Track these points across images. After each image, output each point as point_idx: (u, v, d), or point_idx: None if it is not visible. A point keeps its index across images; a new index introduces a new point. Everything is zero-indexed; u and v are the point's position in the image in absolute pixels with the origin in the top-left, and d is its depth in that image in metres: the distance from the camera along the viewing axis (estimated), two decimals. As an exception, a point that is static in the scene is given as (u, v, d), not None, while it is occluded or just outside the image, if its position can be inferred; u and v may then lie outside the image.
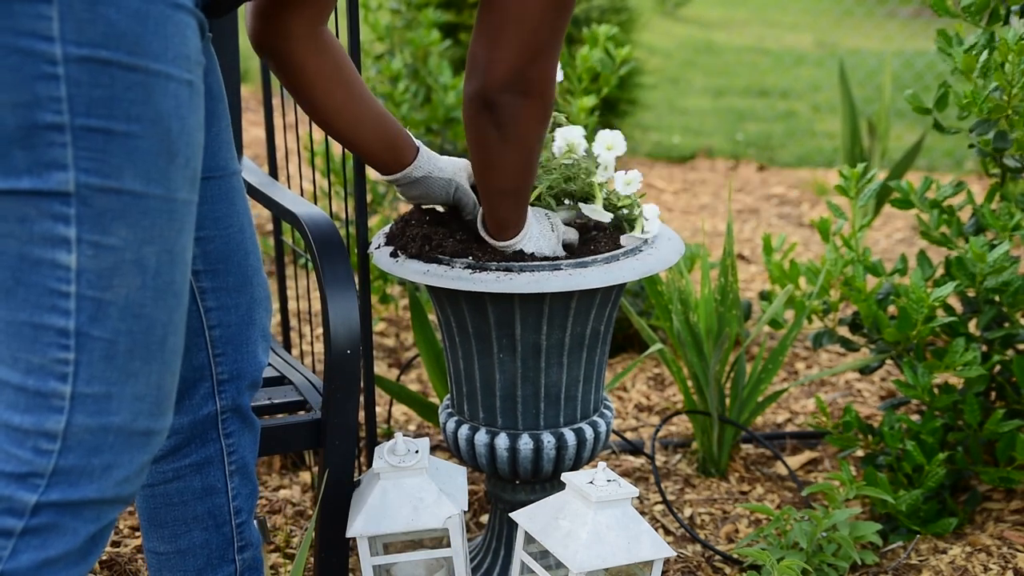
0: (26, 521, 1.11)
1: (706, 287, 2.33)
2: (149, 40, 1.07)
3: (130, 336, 1.11)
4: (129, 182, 1.07)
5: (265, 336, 1.53)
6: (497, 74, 1.43)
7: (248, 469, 1.55)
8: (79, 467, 1.12)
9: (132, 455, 1.14)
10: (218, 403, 1.49)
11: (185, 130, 1.11)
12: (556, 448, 1.74)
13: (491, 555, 1.86)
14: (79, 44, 1.03)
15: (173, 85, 1.09)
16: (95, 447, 1.12)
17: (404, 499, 1.63)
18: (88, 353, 1.09)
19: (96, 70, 1.04)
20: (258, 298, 1.50)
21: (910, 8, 9.53)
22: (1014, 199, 2.16)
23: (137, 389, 1.13)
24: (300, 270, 3.38)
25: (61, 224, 1.06)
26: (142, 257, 1.10)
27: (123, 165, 1.07)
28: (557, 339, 1.68)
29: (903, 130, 5.73)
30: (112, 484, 1.14)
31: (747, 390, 2.37)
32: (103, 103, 1.05)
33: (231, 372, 1.50)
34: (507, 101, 1.45)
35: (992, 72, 2.04)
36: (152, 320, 1.12)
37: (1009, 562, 1.98)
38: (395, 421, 2.61)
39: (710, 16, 10.71)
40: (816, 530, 1.89)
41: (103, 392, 1.11)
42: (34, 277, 1.07)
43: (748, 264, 3.80)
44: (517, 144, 1.49)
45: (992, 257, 2.03)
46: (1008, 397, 2.16)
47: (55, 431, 1.10)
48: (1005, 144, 2.09)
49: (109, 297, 1.09)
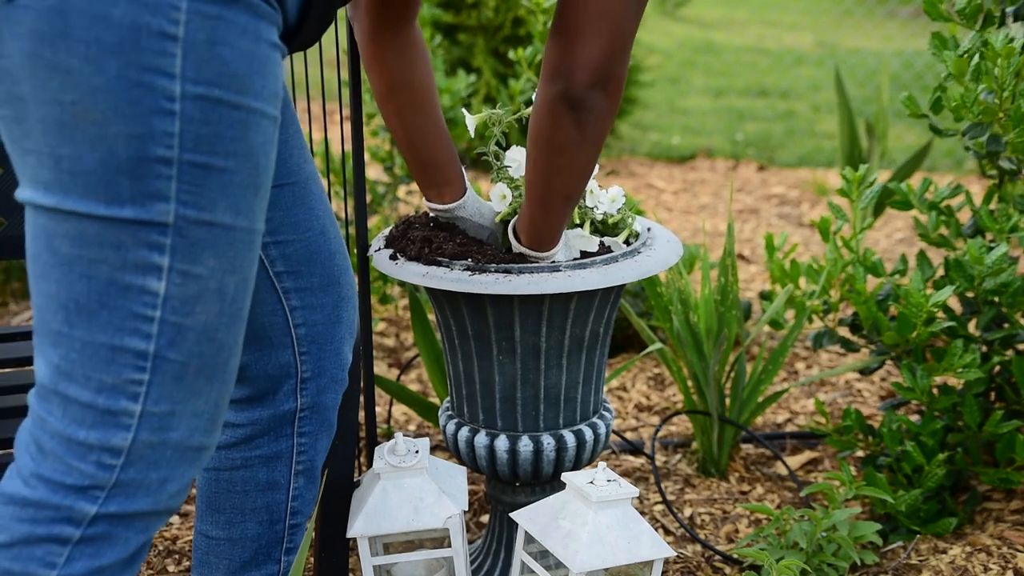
0: (83, 531, 1.15)
1: (706, 287, 2.33)
2: (253, 79, 1.11)
3: (201, 358, 1.15)
4: (221, 215, 1.12)
5: (352, 333, 1.56)
6: (586, 74, 1.40)
7: (315, 472, 1.56)
8: (138, 480, 1.15)
9: (185, 469, 1.18)
10: (299, 400, 1.51)
11: (269, 164, 1.16)
12: (556, 450, 1.74)
13: (491, 556, 1.87)
14: (196, 82, 1.07)
15: (265, 122, 1.14)
16: (154, 462, 1.16)
17: (404, 499, 1.63)
18: (162, 375, 1.13)
19: (208, 107, 1.08)
20: (345, 296, 1.53)
21: (910, 8, 9.54)
22: (1012, 200, 2.17)
23: (198, 407, 1.17)
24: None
25: (156, 253, 1.10)
26: (224, 285, 1.15)
27: (218, 198, 1.11)
28: (556, 341, 1.68)
29: (902, 130, 5.73)
30: (166, 497, 1.18)
31: (747, 390, 2.37)
32: (208, 139, 1.09)
33: (315, 369, 1.52)
34: (594, 100, 1.42)
35: (983, 76, 2.04)
36: (222, 344, 1.17)
37: (1009, 562, 1.98)
38: (395, 421, 2.61)
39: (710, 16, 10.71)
40: (816, 530, 1.89)
41: (168, 410, 1.15)
42: (120, 301, 1.11)
43: (748, 264, 3.80)
44: (594, 143, 1.48)
45: (990, 259, 2.03)
46: (1008, 398, 2.16)
47: (121, 447, 1.14)
48: (998, 147, 2.09)
49: (190, 323, 1.13)
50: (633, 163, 5.27)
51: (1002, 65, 1.99)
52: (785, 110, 6.48)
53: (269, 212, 1.40)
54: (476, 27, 4.75)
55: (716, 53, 8.48)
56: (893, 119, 5.78)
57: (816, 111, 6.47)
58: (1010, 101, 2.02)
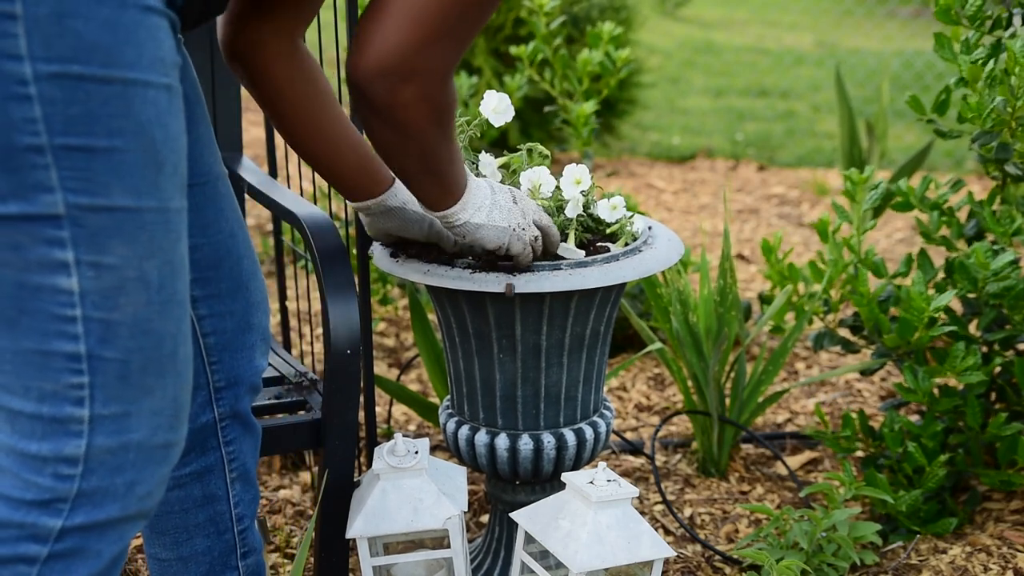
0: (51, 547, 1.09)
1: (705, 287, 2.33)
2: (122, 49, 1.02)
3: (142, 353, 1.09)
4: (120, 198, 1.04)
5: (264, 339, 1.51)
6: (368, 56, 1.22)
7: (249, 475, 1.53)
8: (103, 488, 1.10)
9: (153, 469, 1.13)
10: (216, 411, 1.47)
11: (169, 137, 1.08)
12: (556, 448, 1.74)
13: (491, 556, 1.87)
14: (48, 60, 0.99)
15: (152, 92, 1.05)
16: (117, 466, 1.10)
17: (404, 500, 1.63)
18: (102, 375, 1.07)
19: (69, 86, 1.00)
20: (255, 301, 1.48)
21: (910, 8, 9.53)
22: (1015, 203, 2.16)
23: (154, 404, 1.11)
24: (300, 270, 3.38)
25: (56, 248, 1.03)
26: (144, 272, 1.07)
27: (111, 181, 1.03)
28: (557, 339, 1.68)
29: (902, 130, 5.73)
30: (135, 500, 1.12)
31: (747, 390, 2.37)
32: (81, 120, 1.01)
33: (228, 379, 1.47)
34: (378, 92, 1.24)
35: (997, 84, 2.03)
36: (161, 334, 1.10)
37: (1009, 562, 1.98)
38: (395, 421, 2.61)
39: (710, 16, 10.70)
40: (816, 530, 1.89)
41: (121, 411, 1.09)
42: (36, 304, 1.04)
43: (748, 264, 3.80)
44: (406, 135, 1.31)
45: (996, 264, 2.02)
46: (1009, 399, 2.16)
47: (76, 456, 1.08)
48: (1007, 155, 2.08)
49: (117, 317, 1.06)
50: (633, 163, 5.27)
51: (1020, 74, 1.97)
52: (785, 110, 6.48)
53: None
54: (476, 27, 4.73)
55: (716, 53, 8.48)
56: (893, 119, 5.78)
57: (816, 111, 6.47)
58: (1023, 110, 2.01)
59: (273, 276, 3.58)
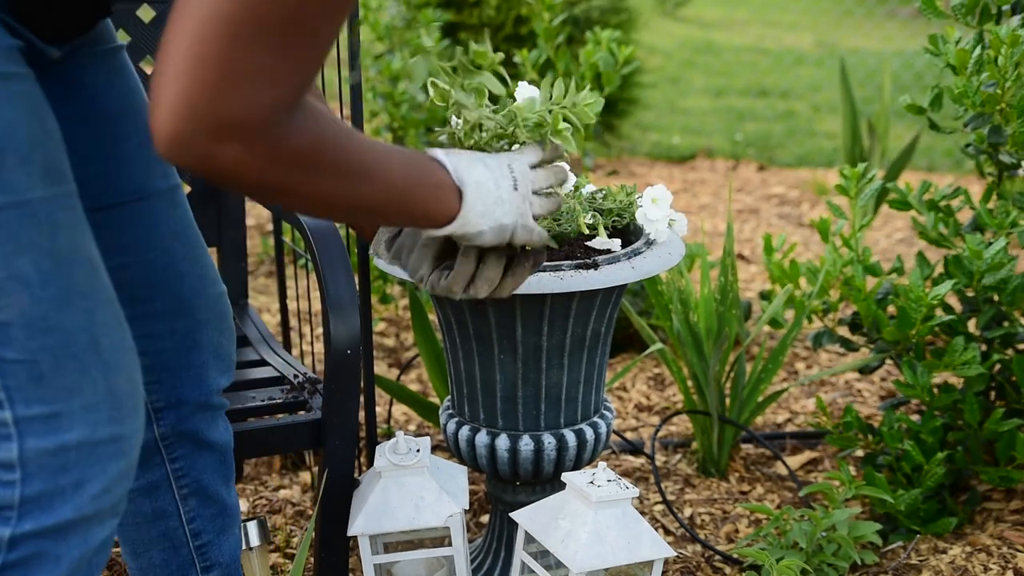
0: (3, 556, 1.06)
1: (706, 287, 2.33)
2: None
3: (49, 351, 1.04)
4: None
5: (219, 356, 1.45)
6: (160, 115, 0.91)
7: (207, 491, 1.49)
8: (48, 491, 1.06)
9: (103, 465, 1.09)
10: (156, 430, 1.43)
11: (11, 126, 1.01)
12: (557, 449, 1.74)
13: (491, 556, 1.87)
14: None
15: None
16: (59, 467, 1.06)
17: (405, 498, 1.63)
18: (13, 378, 1.04)
19: None
20: (203, 320, 1.41)
21: (910, 8, 9.53)
22: (1011, 197, 2.17)
23: (85, 400, 1.07)
24: (300, 270, 3.38)
25: None
26: (19, 270, 1.02)
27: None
28: (558, 340, 1.68)
29: (903, 130, 5.73)
30: (88, 499, 1.08)
31: (747, 390, 2.37)
32: None
33: (169, 399, 1.42)
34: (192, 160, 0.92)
35: (985, 66, 2.04)
36: (68, 330, 1.05)
37: (1009, 562, 1.98)
38: (395, 421, 2.61)
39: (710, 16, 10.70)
40: (816, 530, 1.89)
41: (48, 412, 1.05)
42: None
43: (748, 264, 3.80)
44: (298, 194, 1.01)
45: (989, 254, 2.03)
46: (1008, 396, 2.16)
47: (10, 460, 1.05)
48: (999, 139, 2.09)
49: (4, 318, 1.02)
50: (633, 163, 5.27)
51: (1006, 54, 1.98)
52: (785, 110, 6.48)
53: (95, 234, 1.14)
54: (478, 25, 4.75)
55: (716, 53, 8.48)
56: (893, 119, 5.78)
57: (816, 111, 6.47)
58: (1012, 92, 2.02)
59: (273, 276, 3.58)
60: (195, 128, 0.90)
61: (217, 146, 0.91)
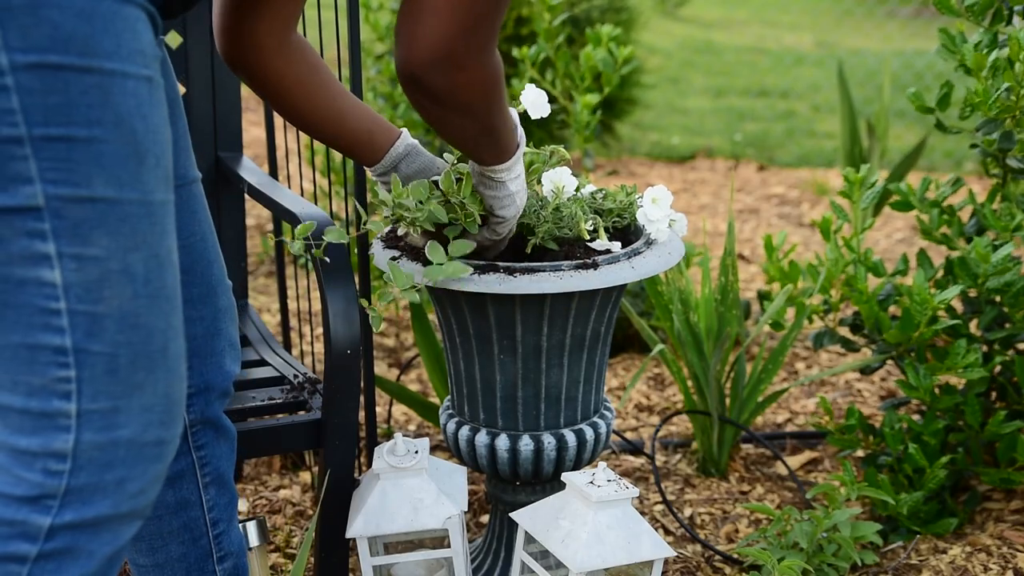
0: (41, 545, 1.08)
1: (706, 287, 2.33)
2: (99, 39, 1.02)
3: (130, 347, 1.08)
4: (101, 189, 1.03)
5: (233, 345, 1.49)
6: (420, 49, 1.26)
7: (224, 479, 1.51)
8: (92, 484, 1.09)
9: (145, 467, 1.12)
10: (186, 417, 1.45)
11: (150, 128, 1.07)
12: (557, 449, 1.74)
13: (491, 556, 1.87)
14: (25, 51, 0.98)
15: (131, 83, 1.05)
16: (107, 463, 1.09)
17: (404, 499, 1.63)
18: (90, 369, 1.06)
19: (48, 76, 0.99)
20: (223, 307, 1.46)
21: (910, 8, 9.54)
22: (1015, 199, 2.16)
23: (144, 400, 1.10)
24: (300, 270, 3.38)
25: (38, 240, 1.02)
26: (129, 265, 1.06)
27: (92, 172, 1.02)
28: (558, 340, 1.68)
29: (902, 130, 5.73)
30: (126, 497, 1.11)
31: (747, 390, 2.37)
32: (60, 110, 1.00)
33: (198, 384, 1.46)
34: (433, 81, 1.29)
35: (1001, 71, 2.03)
36: (150, 328, 1.09)
37: (1009, 562, 1.98)
38: (395, 421, 2.61)
39: (710, 16, 10.70)
40: (816, 530, 1.89)
41: (110, 407, 1.08)
42: (21, 298, 1.03)
43: (748, 264, 3.80)
44: (464, 112, 1.36)
45: (996, 258, 2.03)
46: (1009, 398, 2.16)
47: (64, 451, 1.07)
48: (1009, 144, 2.09)
49: (102, 310, 1.05)
50: (633, 163, 5.27)
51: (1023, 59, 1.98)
52: (785, 110, 6.48)
53: None
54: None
55: (716, 53, 8.48)
56: (893, 119, 5.78)
57: (816, 111, 6.47)
58: None
59: (273, 276, 3.58)
60: (448, 57, 1.26)
61: (457, 71, 1.28)
